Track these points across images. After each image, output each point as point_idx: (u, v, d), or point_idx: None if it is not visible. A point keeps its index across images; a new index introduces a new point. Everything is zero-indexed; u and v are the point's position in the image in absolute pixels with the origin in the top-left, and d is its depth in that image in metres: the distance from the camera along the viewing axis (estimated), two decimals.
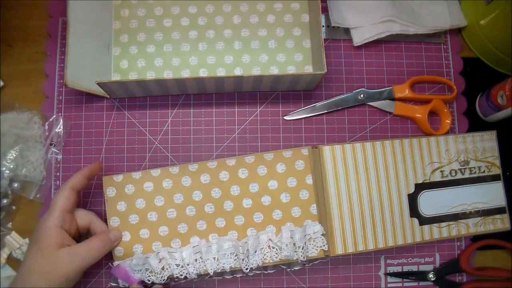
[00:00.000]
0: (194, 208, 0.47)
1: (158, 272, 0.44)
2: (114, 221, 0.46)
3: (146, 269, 0.44)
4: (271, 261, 0.45)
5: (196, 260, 0.45)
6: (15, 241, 0.48)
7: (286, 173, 0.47)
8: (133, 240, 0.46)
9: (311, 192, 0.47)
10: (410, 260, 0.49)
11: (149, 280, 0.44)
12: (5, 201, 0.48)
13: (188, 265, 0.44)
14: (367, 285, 0.49)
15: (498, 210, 0.49)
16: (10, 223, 0.48)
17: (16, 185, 0.48)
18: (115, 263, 0.45)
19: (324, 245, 0.45)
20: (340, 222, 0.46)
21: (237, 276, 0.47)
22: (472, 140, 0.50)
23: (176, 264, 0.44)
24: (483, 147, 0.50)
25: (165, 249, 0.45)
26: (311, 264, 0.47)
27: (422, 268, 0.49)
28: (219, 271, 0.44)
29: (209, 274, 0.44)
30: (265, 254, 0.45)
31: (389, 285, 0.49)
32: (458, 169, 0.49)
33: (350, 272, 0.49)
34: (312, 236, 0.45)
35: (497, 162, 0.50)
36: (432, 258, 0.49)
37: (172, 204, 0.47)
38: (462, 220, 0.49)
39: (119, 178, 0.47)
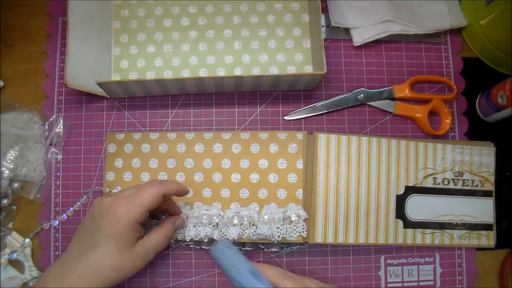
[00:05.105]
0: (184, 175, 0.48)
1: None
2: (109, 176, 0.48)
3: None
4: (248, 238, 0.45)
5: None
6: (16, 242, 0.48)
7: (278, 154, 0.48)
8: None
9: (299, 176, 0.48)
10: (410, 260, 0.49)
11: None
12: (5, 201, 0.48)
13: None
14: (367, 285, 0.49)
15: (485, 226, 0.49)
16: (11, 223, 0.48)
17: (16, 185, 0.48)
18: None
19: (303, 231, 0.46)
20: (324, 212, 0.47)
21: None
22: (470, 152, 0.50)
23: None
24: (480, 161, 0.50)
25: None
26: (289, 248, 0.48)
27: (422, 268, 0.49)
28: (197, 239, 0.45)
29: (185, 240, 0.46)
30: (243, 230, 0.45)
31: (389, 285, 0.49)
32: (452, 178, 0.49)
33: (350, 272, 0.49)
34: (293, 220, 0.46)
35: (491, 178, 0.50)
36: (432, 258, 0.49)
37: (164, 168, 0.48)
38: (447, 230, 0.49)
39: (120, 136, 0.49)
